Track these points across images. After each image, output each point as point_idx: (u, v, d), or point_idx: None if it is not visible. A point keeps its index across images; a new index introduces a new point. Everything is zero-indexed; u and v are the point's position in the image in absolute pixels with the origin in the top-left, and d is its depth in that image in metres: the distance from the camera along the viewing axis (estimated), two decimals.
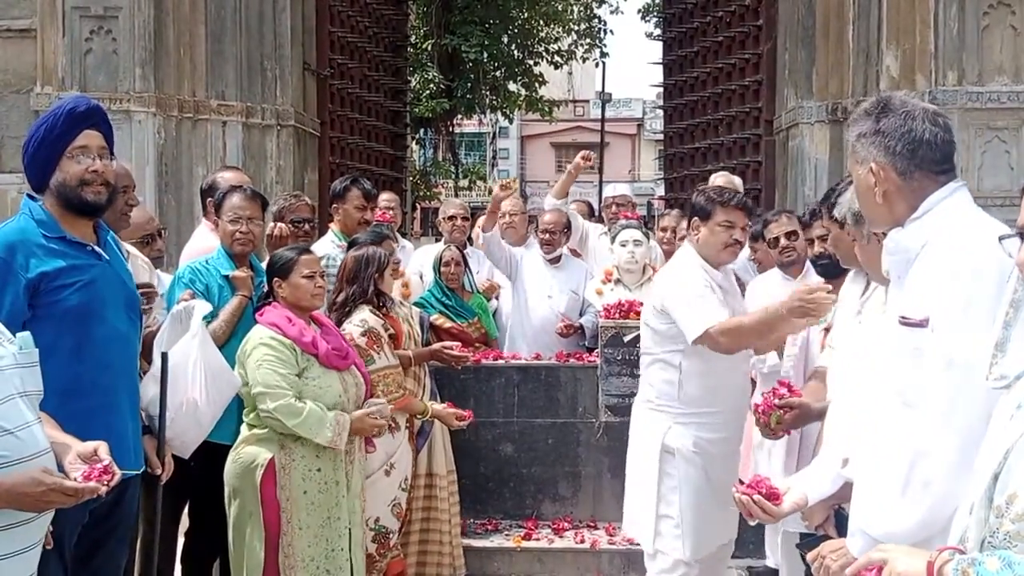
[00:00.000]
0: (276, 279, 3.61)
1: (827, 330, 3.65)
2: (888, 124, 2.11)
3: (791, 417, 3.04)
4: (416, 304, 5.05)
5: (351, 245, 4.48)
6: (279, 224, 4.30)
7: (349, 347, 3.78)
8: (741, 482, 2.51)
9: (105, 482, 2.18)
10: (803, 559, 2.83)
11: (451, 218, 5.81)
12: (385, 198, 6.06)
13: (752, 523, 2.47)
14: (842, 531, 2.30)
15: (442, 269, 5.25)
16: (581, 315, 5.62)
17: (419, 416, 4.34)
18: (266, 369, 3.43)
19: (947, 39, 6.33)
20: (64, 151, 2.71)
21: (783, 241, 4.27)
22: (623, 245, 5.28)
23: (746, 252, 4.86)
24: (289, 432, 3.47)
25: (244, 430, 3.58)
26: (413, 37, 16.49)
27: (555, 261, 5.73)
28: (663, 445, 3.64)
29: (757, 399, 3.41)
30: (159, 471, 3.06)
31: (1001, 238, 1.76)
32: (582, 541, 4.99)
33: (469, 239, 6.27)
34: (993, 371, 1.72)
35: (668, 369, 3.66)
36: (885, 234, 2.21)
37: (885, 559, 1.69)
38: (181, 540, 3.92)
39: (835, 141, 6.87)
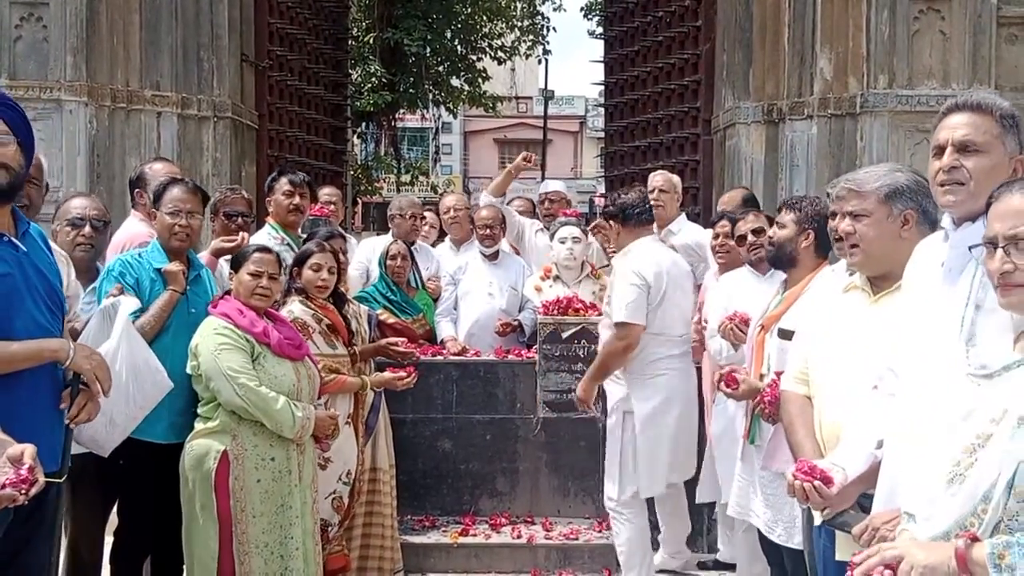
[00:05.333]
0: (231, 271, 3.78)
1: (763, 327, 3.72)
2: None
3: None
4: (359, 298, 5.03)
5: (307, 241, 4.53)
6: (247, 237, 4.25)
7: (303, 339, 3.88)
8: None
9: (22, 490, 2.14)
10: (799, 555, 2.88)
11: (411, 216, 5.84)
12: (326, 192, 6.04)
13: (804, 507, 2.47)
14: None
15: (388, 263, 5.23)
16: (520, 311, 5.64)
17: (361, 391, 4.39)
18: (227, 353, 3.51)
19: (879, 43, 6.48)
20: None
21: (750, 238, 4.32)
22: (562, 242, 5.31)
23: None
24: (248, 418, 3.53)
25: (198, 424, 3.61)
26: (355, 30, 16.35)
27: (494, 257, 5.74)
28: None
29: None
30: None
31: (971, 247, 1.88)
32: (519, 536, 5.01)
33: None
34: (972, 361, 1.82)
35: None
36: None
37: (899, 555, 1.73)
38: (109, 539, 3.84)
39: (771, 141, 6.98)
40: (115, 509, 3.83)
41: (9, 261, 2.66)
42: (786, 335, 3.53)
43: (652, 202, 5.69)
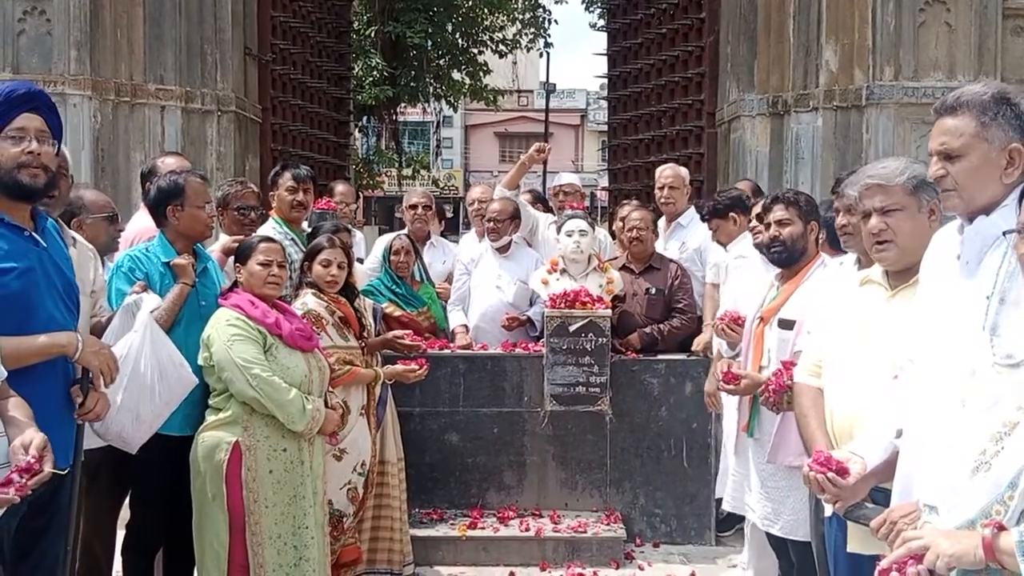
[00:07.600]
0: (237, 264, 3.76)
1: (762, 319, 3.71)
2: None
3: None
4: (364, 291, 5.03)
5: (312, 235, 4.54)
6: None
7: (313, 331, 3.88)
8: None
9: (24, 479, 2.14)
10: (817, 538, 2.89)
11: (413, 207, 5.83)
12: (340, 192, 6.13)
13: (823, 498, 2.43)
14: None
15: (392, 258, 5.24)
16: (532, 304, 5.63)
17: (374, 383, 4.40)
18: (239, 344, 3.51)
19: (884, 35, 6.47)
20: (0, 133, 2.64)
21: (752, 223, 4.29)
22: (568, 235, 5.29)
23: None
24: (261, 410, 3.53)
25: (209, 415, 3.61)
26: (356, 23, 16.32)
27: (504, 250, 5.72)
28: None
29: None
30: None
31: (1005, 233, 1.87)
32: (527, 529, 5.01)
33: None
34: (996, 352, 1.82)
35: None
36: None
37: (925, 545, 1.73)
38: (121, 533, 3.84)
39: (775, 134, 6.98)
40: (127, 502, 3.83)
41: (30, 256, 2.66)
42: (787, 325, 3.53)
43: (661, 200, 5.71)
